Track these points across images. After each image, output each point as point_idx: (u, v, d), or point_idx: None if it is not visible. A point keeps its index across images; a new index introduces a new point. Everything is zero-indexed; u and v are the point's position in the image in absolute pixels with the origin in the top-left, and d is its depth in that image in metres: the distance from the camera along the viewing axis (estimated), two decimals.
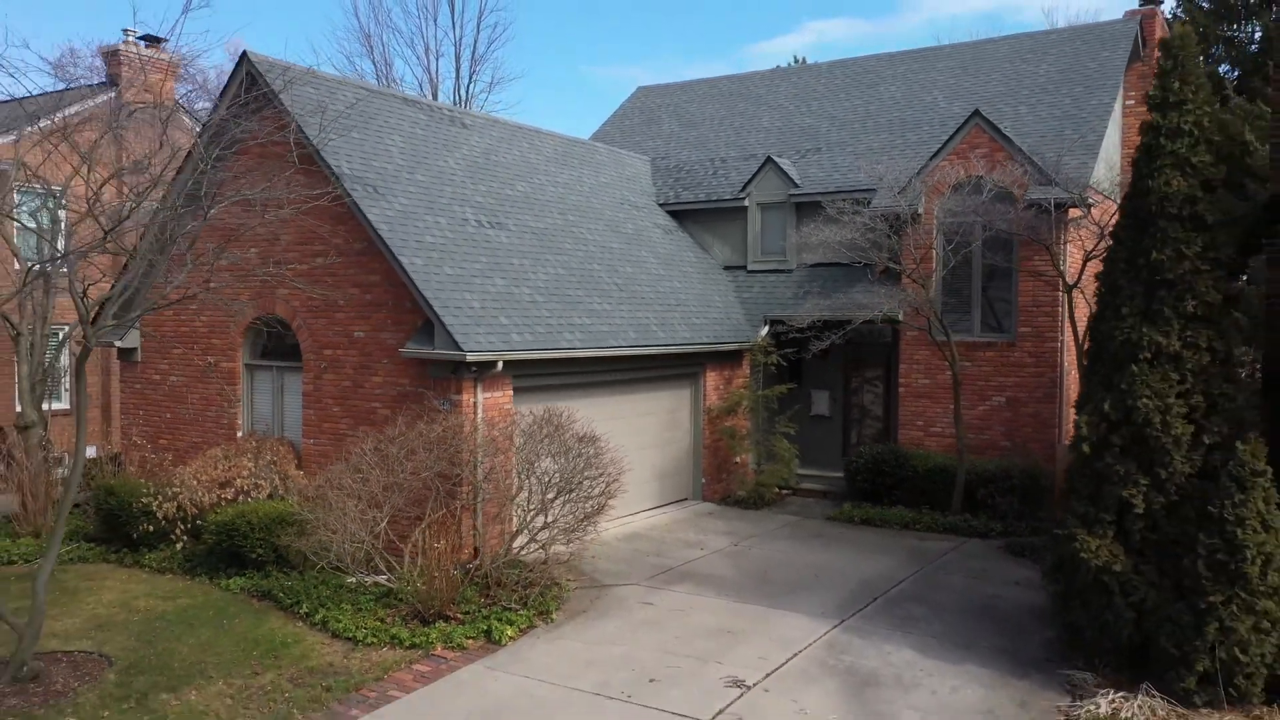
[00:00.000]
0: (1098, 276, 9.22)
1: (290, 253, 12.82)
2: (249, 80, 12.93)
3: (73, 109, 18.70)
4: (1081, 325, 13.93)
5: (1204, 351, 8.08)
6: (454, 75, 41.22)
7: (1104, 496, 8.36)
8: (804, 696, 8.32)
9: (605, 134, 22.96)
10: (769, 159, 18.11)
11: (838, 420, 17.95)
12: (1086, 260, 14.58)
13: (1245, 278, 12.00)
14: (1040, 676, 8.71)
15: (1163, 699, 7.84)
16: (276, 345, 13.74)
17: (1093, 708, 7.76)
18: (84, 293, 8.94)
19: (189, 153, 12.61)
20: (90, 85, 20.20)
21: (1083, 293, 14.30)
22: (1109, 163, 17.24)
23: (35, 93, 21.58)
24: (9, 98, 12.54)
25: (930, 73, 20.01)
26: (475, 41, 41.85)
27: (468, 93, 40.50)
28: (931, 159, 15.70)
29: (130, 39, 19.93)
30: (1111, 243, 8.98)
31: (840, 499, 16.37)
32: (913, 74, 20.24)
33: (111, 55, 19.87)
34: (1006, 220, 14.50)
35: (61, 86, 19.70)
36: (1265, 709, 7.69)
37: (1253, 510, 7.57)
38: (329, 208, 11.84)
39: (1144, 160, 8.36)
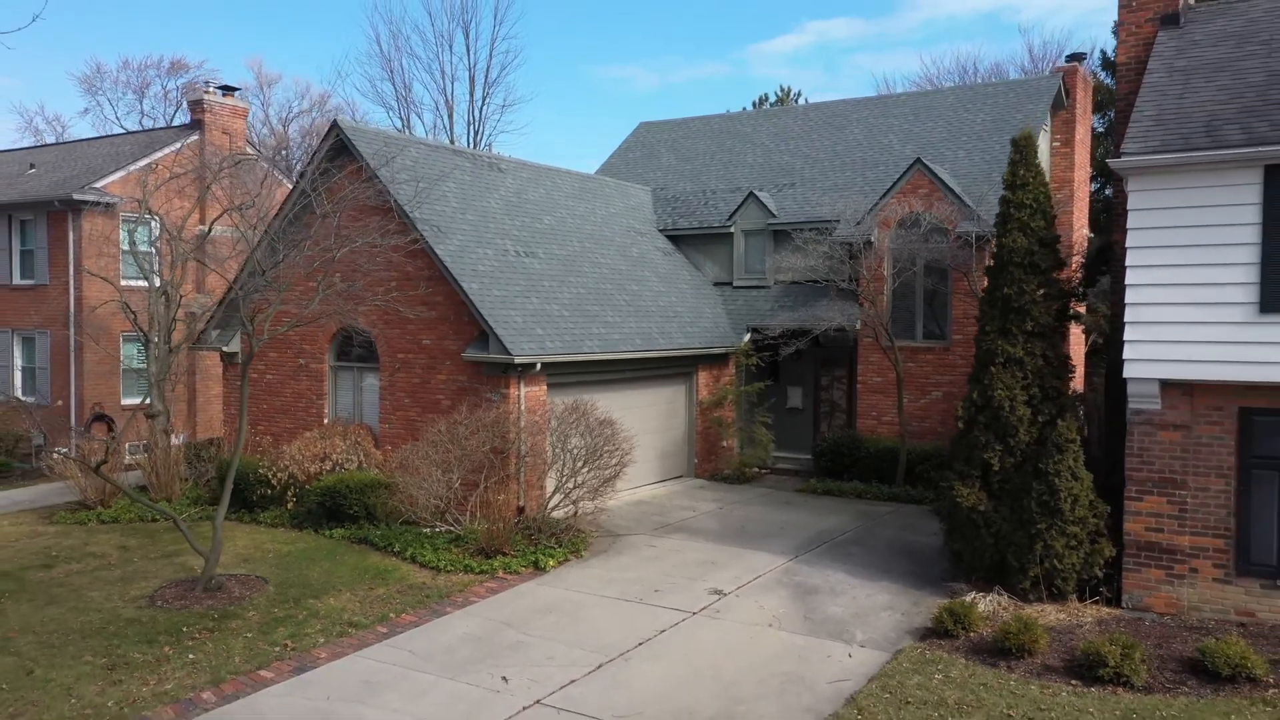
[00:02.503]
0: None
1: (370, 278, 16.32)
2: (337, 142, 16.45)
3: (165, 151, 22.28)
4: None
5: (1039, 357, 11.64)
6: (468, 97, 44.63)
7: (973, 459, 11.91)
8: (764, 599, 11.87)
9: (611, 165, 26.50)
10: (751, 193, 21.66)
11: (809, 412, 21.51)
12: None
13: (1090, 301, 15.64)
14: (932, 588, 12.26)
15: (1008, 596, 11.40)
16: (356, 349, 17.27)
17: (960, 602, 11.28)
18: (252, 317, 12.44)
19: (288, 197, 16.15)
20: (178, 127, 23.73)
21: None
22: None
23: (127, 131, 25.20)
24: (99, 135, 16.29)
25: (888, 118, 23.56)
26: (488, 67, 45.42)
27: (481, 114, 44.11)
28: (882, 198, 19.21)
29: (211, 89, 23.43)
30: None
31: (808, 476, 19.91)
32: (873, 119, 23.78)
33: (196, 104, 23.37)
34: (940, 250, 18.05)
35: (149, 126, 23.29)
36: (1075, 600, 11.24)
37: (1066, 466, 11.12)
38: (404, 244, 15.36)
39: (1000, 224, 11.92)
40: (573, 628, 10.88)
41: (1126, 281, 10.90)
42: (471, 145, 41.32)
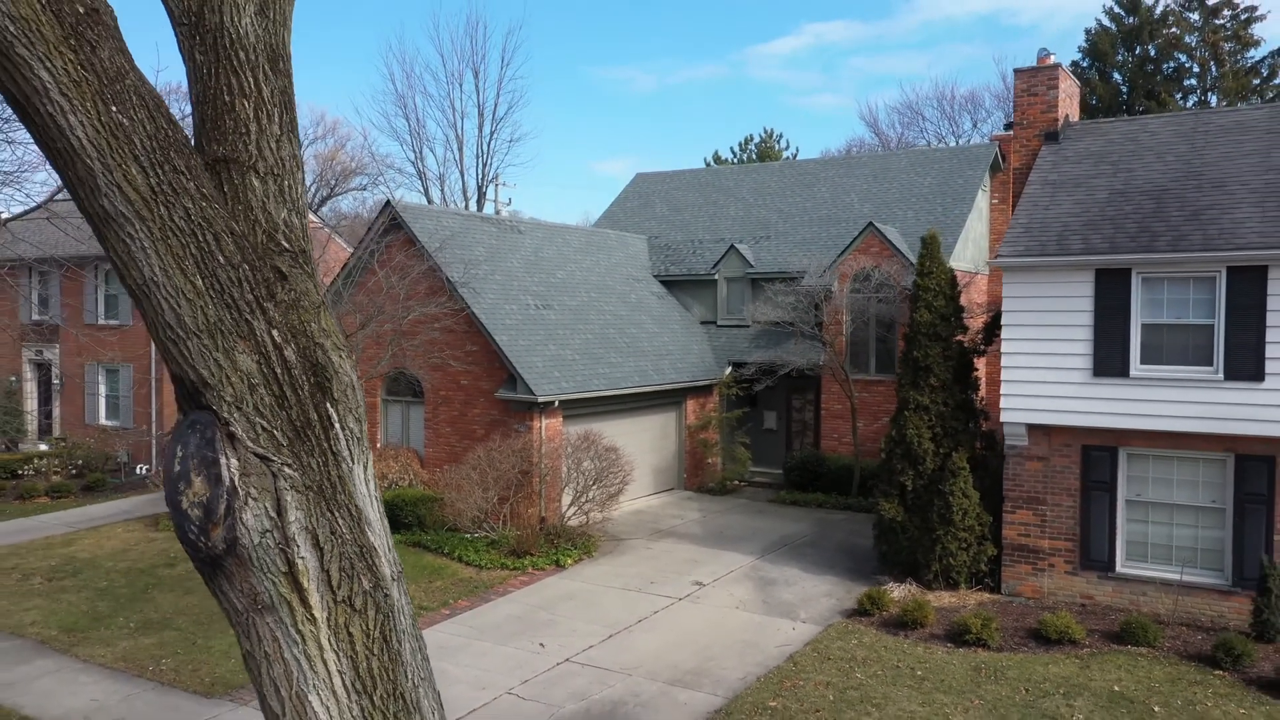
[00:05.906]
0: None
1: (414, 329, 19.96)
2: (390, 217, 20.12)
3: None
4: None
5: (941, 404, 15.32)
6: (477, 133, 48.27)
7: (893, 481, 15.59)
8: (734, 589, 15.54)
9: (611, 214, 30.18)
10: (732, 246, 25.35)
11: (782, 433, 25.19)
12: None
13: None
14: (864, 580, 15.94)
15: (916, 586, 15.08)
16: (403, 387, 20.92)
17: (877, 590, 14.96)
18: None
19: (345, 264, 19.77)
20: None
21: None
22: (977, 246, 24.65)
23: None
24: None
25: (851, 178, 27.27)
26: (496, 105, 48.91)
27: (489, 148, 47.81)
28: (841, 254, 22.89)
29: None
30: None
31: (780, 488, 23.57)
32: (839, 178, 27.49)
33: None
34: (888, 301, 21.74)
35: None
36: (965, 588, 14.93)
37: (959, 488, 14.79)
38: (453, 309, 19.01)
39: (912, 303, 15.59)
40: (589, 610, 14.54)
41: (1003, 350, 14.59)
42: (480, 176, 44.99)
